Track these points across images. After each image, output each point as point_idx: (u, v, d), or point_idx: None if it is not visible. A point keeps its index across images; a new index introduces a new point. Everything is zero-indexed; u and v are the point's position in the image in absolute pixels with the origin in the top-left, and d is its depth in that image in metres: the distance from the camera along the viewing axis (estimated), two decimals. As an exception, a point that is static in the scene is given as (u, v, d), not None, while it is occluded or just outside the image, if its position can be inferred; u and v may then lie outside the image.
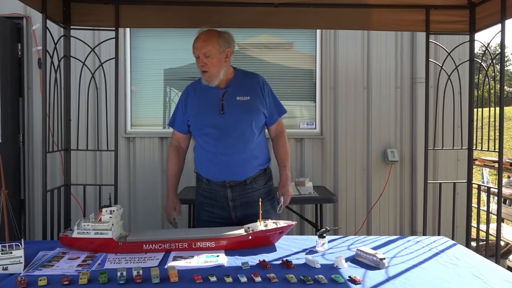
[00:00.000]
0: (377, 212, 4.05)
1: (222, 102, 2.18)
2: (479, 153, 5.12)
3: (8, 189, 1.70)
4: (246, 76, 2.31)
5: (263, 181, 2.30)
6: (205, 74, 2.17)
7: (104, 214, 1.82)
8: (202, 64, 2.15)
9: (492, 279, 1.56)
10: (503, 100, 2.58)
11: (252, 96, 2.21)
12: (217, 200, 2.25)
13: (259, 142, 2.26)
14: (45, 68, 2.63)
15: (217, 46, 2.16)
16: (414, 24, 2.86)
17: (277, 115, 2.33)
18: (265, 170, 2.31)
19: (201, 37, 2.18)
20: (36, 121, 3.90)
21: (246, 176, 2.22)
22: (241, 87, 2.23)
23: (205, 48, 2.14)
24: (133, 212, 3.97)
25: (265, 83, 2.30)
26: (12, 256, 1.59)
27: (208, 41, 2.15)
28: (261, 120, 2.26)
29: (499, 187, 2.69)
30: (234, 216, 2.25)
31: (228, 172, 2.20)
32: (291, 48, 4.14)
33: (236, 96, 2.20)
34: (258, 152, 2.25)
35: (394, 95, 4.05)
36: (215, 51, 2.15)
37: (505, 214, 4.68)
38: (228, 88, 2.22)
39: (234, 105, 2.18)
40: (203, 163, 2.27)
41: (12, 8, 3.72)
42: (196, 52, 2.17)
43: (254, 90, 2.24)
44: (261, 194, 2.25)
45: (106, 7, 2.75)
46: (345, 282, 1.52)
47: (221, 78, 2.20)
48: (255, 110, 2.21)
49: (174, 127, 2.36)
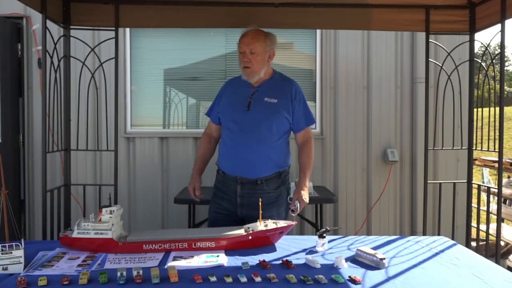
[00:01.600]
0: (377, 212, 4.05)
1: (249, 100, 2.24)
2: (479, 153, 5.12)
3: (8, 189, 1.70)
4: (282, 80, 2.35)
5: (275, 185, 2.30)
6: (246, 70, 2.24)
7: (104, 214, 1.82)
8: (246, 60, 2.22)
9: (492, 279, 1.56)
10: (503, 100, 2.58)
11: (280, 100, 2.25)
12: (227, 193, 2.31)
13: (278, 145, 2.28)
14: (45, 68, 2.63)
15: (264, 45, 2.23)
16: (414, 24, 2.86)
17: (304, 124, 2.35)
18: (280, 173, 2.31)
19: (250, 33, 2.25)
20: (36, 121, 3.90)
21: (258, 175, 2.25)
22: (272, 89, 2.28)
23: (253, 45, 2.21)
24: (133, 212, 3.96)
25: (298, 91, 2.32)
26: (12, 256, 1.59)
27: (256, 38, 2.23)
28: (283, 125, 2.28)
29: (499, 187, 2.69)
30: (239, 212, 2.28)
31: (240, 168, 2.25)
32: (291, 48, 4.13)
33: (265, 97, 2.25)
34: (274, 155, 2.27)
35: (394, 95, 4.05)
36: (261, 50, 2.22)
37: (505, 214, 4.68)
38: (260, 88, 2.28)
39: (260, 105, 2.24)
40: (222, 155, 2.35)
41: (12, 8, 3.72)
42: (243, 47, 2.23)
43: (284, 95, 2.27)
44: (270, 197, 2.26)
45: (106, 7, 2.75)
46: (345, 282, 1.52)
47: (261, 77, 2.27)
48: (279, 113, 2.24)
49: (209, 117, 2.47)
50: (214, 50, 4.01)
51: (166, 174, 3.98)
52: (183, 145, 3.96)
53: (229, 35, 4.02)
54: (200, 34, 3.99)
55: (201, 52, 4.01)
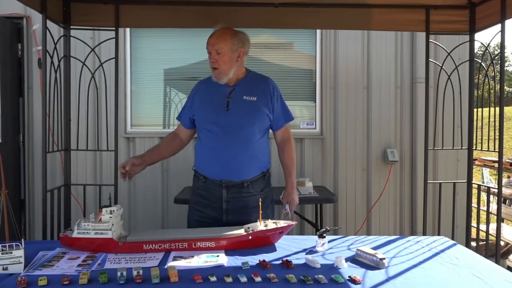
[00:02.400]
0: (377, 212, 4.05)
1: (228, 100, 2.17)
2: (479, 153, 5.12)
3: (8, 189, 1.70)
4: (257, 78, 2.30)
5: (261, 187, 2.24)
6: (215, 71, 2.18)
7: (104, 214, 1.82)
8: (213, 61, 2.17)
9: (492, 279, 1.56)
10: (503, 100, 2.58)
11: (259, 98, 2.20)
12: (211, 200, 2.20)
13: (261, 144, 2.22)
14: (45, 68, 2.63)
15: (230, 44, 2.16)
16: (414, 24, 2.86)
17: (283, 121, 2.30)
18: (264, 174, 2.26)
19: (215, 33, 2.20)
20: (36, 121, 3.91)
21: (244, 177, 2.17)
22: (250, 88, 2.22)
23: (217, 45, 2.15)
24: (133, 212, 3.97)
25: (275, 87, 2.28)
26: (12, 256, 1.59)
27: (221, 38, 2.17)
28: (265, 123, 2.23)
29: (499, 187, 2.69)
30: (225, 218, 2.18)
31: (225, 171, 2.16)
32: (291, 48, 4.14)
33: (243, 96, 2.18)
34: (259, 154, 2.22)
35: (394, 95, 4.05)
36: (227, 49, 2.15)
37: (505, 214, 4.68)
38: (236, 87, 2.21)
39: (240, 104, 2.17)
40: (202, 159, 2.24)
41: (12, 8, 3.72)
42: (209, 48, 2.19)
43: (262, 92, 2.22)
44: (256, 200, 2.15)
45: (106, 7, 2.75)
46: (345, 282, 1.52)
47: (230, 77, 2.19)
48: (260, 111, 2.18)
49: (180, 120, 2.38)
50: (214, 50, 4.01)
51: (166, 174, 3.98)
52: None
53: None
54: (200, 34, 3.95)
55: (201, 52, 3.92)
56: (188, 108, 2.30)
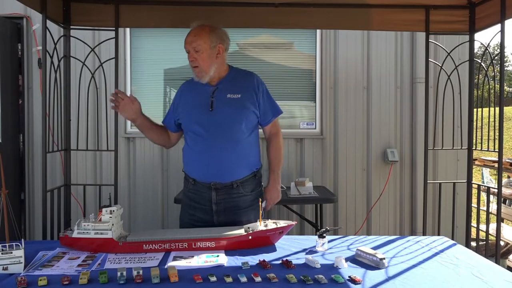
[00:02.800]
0: (377, 212, 4.05)
1: (211, 99, 2.11)
2: (479, 153, 5.12)
3: (8, 189, 1.70)
4: (240, 75, 2.24)
5: (251, 187, 2.18)
6: (195, 70, 2.12)
7: (104, 214, 1.82)
8: (192, 59, 2.11)
9: (492, 279, 1.56)
10: (503, 100, 2.58)
11: (244, 95, 2.14)
12: (200, 202, 2.16)
13: (249, 142, 2.16)
14: (45, 68, 2.63)
15: (208, 41, 2.10)
16: (414, 24, 2.86)
17: (271, 116, 2.25)
18: (255, 174, 2.20)
19: (192, 31, 2.13)
20: (36, 121, 3.91)
21: (233, 178, 2.12)
22: (233, 85, 2.16)
23: (195, 43, 2.09)
24: (133, 212, 3.97)
25: (260, 82, 2.21)
26: (12, 256, 1.59)
27: (198, 35, 2.10)
28: (252, 120, 2.16)
29: (499, 187, 2.69)
30: (216, 220, 2.14)
31: (214, 173, 2.11)
32: (291, 48, 4.14)
33: (227, 94, 2.12)
34: (248, 152, 2.16)
35: (394, 95, 4.05)
36: (205, 46, 2.09)
37: (505, 214, 4.68)
38: (219, 86, 2.15)
39: (224, 103, 2.11)
40: (190, 162, 2.20)
41: (12, 8, 3.72)
42: (186, 47, 2.12)
43: (247, 89, 2.15)
44: (246, 200, 2.15)
45: (106, 7, 2.75)
46: (345, 282, 1.52)
47: (211, 75, 2.13)
48: (245, 108, 2.12)
49: (165, 124, 2.33)
50: (214, 50, 4.01)
51: (166, 174, 3.98)
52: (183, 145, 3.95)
53: (229, 35, 4.01)
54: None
55: None
56: (173, 111, 2.26)
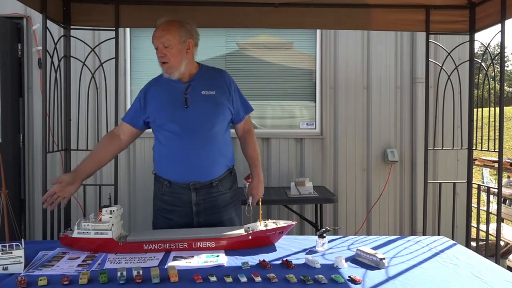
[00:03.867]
0: (377, 212, 4.05)
1: (185, 96, 2.05)
2: (479, 153, 5.12)
3: (8, 189, 1.70)
4: (212, 71, 2.19)
5: (229, 184, 2.16)
6: (164, 66, 2.05)
7: (104, 214, 1.82)
8: (161, 55, 2.03)
9: (492, 279, 1.56)
10: (503, 100, 2.58)
11: (218, 91, 2.09)
12: (179, 205, 2.09)
13: (225, 139, 2.13)
14: (45, 68, 2.63)
15: (177, 36, 2.03)
16: (414, 24, 2.87)
17: (243, 113, 2.21)
18: (230, 171, 2.18)
19: (160, 27, 2.05)
20: (36, 121, 3.91)
21: (212, 176, 2.08)
22: (206, 82, 2.10)
23: (164, 38, 2.01)
24: (133, 212, 3.97)
25: (231, 80, 2.18)
26: (12, 256, 1.59)
27: (167, 30, 2.02)
28: (228, 116, 2.13)
29: (499, 187, 2.69)
30: (196, 222, 2.09)
31: (193, 172, 2.05)
32: (291, 48, 4.14)
33: (201, 91, 2.07)
34: (224, 150, 2.12)
35: (394, 95, 4.05)
36: (174, 41, 2.02)
37: (505, 214, 4.68)
38: (192, 82, 2.09)
39: (199, 99, 2.05)
40: (164, 162, 2.10)
41: (12, 8, 3.72)
42: (155, 42, 2.04)
43: (220, 86, 2.11)
44: (225, 198, 2.14)
45: (106, 7, 2.75)
46: (345, 282, 1.52)
47: (182, 71, 2.06)
48: (221, 105, 2.08)
49: (125, 120, 2.18)
50: (214, 50, 4.01)
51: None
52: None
53: (229, 35, 4.02)
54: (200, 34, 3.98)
55: (201, 52, 3.94)
56: (140, 109, 2.14)
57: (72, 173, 2.06)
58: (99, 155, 2.14)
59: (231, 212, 2.17)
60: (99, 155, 2.14)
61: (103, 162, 2.16)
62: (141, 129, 2.19)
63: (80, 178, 2.04)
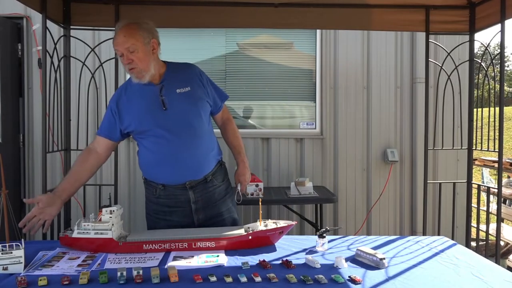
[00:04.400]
0: (377, 212, 4.05)
1: (161, 98, 1.99)
2: (479, 153, 5.12)
3: (8, 189, 1.70)
4: (180, 68, 2.13)
5: (221, 177, 2.17)
6: (133, 72, 1.97)
7: (104, 214, 1.82)
8: (128, 61, 1.94)
9: (492, 279, 1.56)
10: (503, 100, 2.59)
11: (192, 86, 2.05)
12: (177, 206, 2.08)
13: (209, 132, 2.12)
14: (45, 68, 2.63)
15: (141, 38, 1.95)
16: (414, 24, 2.87)
17: (220, 102, 2.19)
18: (220, 163, 2.18)
19: (120, 32, 1.95)
20: (36, 121, 3.91)
21: (205, 172, 2.07)
22: (178, 79, 2.05)
23: (128, 43, 1.92)
24: (133, 212, 3.97)
25: (201, 72, 2.14)
26: (12, 256, 1.59)
27: (129, 34, 1.93)
28: (207, 109, 2.11)
29: (499, 187, 2.69)
30: (196, 219, 2.10)
31: (187, 172, 2.03)
32: (291, 48, 4.14)
33: (176, 89, 2.02)
34: (211, 143, 2.12)
35: (394, 95, 4.05)
36: (139, 45, 1.94)
37: (505, 214, 4.68)
38: (164, 82, 2.03)
39: (176, 99, 2.01)
40: (154, 167, 2.05)
41: (12, 8, 3.72)
42: (119, 49, 1.95)
43: (193, 80, 2.07)
44: (221, 191, 2.15)
45: (106, 7, 2.75)
46: (345, 282, 1.52)
47: (153, 73, 2.00)
48: (199, 99, 2.05)
49: (101, 135, 2.09)
50: (214, 50, 4.02)
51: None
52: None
53: (229, 35, 4.02)
54: (200, 34, 3.99)
55: (201, 52, 4.01)
56: (114, 121, 2.06)
57: (51, 194, 1.95)
58: (78, 173, 2.05)
59: (228, 203, 2.19)
60: (77, 173, 2.04)
61: (83, 180, 2.07)
62: (118, 141, 2.14)
63: (60, 198, 1.95)
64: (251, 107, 4.12)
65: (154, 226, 2.14)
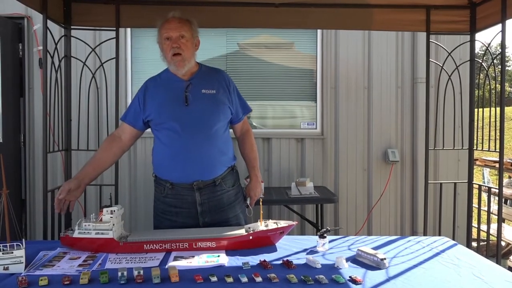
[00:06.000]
0: (378, 212, 4.05)
1: (186, 94, 2.03)
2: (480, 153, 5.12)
3: (9, 189, 1.70)
4: (211, 71, 2.19)
5: (232, 182, 2.16)
6: (177, 58, 2.02)
7: (105, 214, 1.82)
8: (177, 45, 2.00)
9: (493, 280, 1.56)
10: (503, 100, 2.58)
11: (218, 90, 2.09)
12: (183, 206, 2.08)
13: (226, 137, 2.12)
14: (46, 68, 2.63)
15: (191, 31, 2.07)
16: (415, 24, 2.87)
17: (242, 113, 2.22)
18: (232, 168, 2.18)
19: (174, 19, 2.05)
20: (37, 121, 3.91)
21: (215, 175, 2.07)
22: (206, 81, 2.10)
23: (181, 29, 2.01)
24: (134, 212, 3.97)
25: (230, 79, 2.18)
26: (13, 256, 1.59)
27: (183, 23, 2.04)
28: (228, 115, 2.12)
29: (499, 187, 2.69)
30: (201, 222, 2.09)
31: (195, 171, 2.03)
32: (291, 48, 4.14)
33: (202, 89, 2.06)
34: (225, 148, 2.11)
35: (395, 95, 4.05)
36: (190, 35, 2.05)
37: (505, 214, 4.68)
38: (193, 81, 2.08)
39: (200, 98, 2.04)
40: (165, 162, 2.07)
41: (13, 8, 3.73)
42: (170, 33, 2.01)
43: (220, 85, 2.11)
44: (230, 196, 2.13)
45: (107, 7, 2.75)
46: (345, 282, 1.52)
47: (192, 65, 2.08)
48: (222, 104, 2.08)
49: (125, 121, 2.15)
50: (214, 50, 4.02)
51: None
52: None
53: (230, 35, 4.02)
54: (200, 34, 3.96)
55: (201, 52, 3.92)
56: (139, 109, 2.11)
57: (74, 179, 2.03)
58: (100, 159, 2.12)
59: (237, 209, 2.17)
60: (100, 159, 2.12)
61: (105, 166, 2.14)
62: (140, 129, 2.18)
63: (84, 183, 2.05)
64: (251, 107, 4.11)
65: (160, 226, 2.14)
